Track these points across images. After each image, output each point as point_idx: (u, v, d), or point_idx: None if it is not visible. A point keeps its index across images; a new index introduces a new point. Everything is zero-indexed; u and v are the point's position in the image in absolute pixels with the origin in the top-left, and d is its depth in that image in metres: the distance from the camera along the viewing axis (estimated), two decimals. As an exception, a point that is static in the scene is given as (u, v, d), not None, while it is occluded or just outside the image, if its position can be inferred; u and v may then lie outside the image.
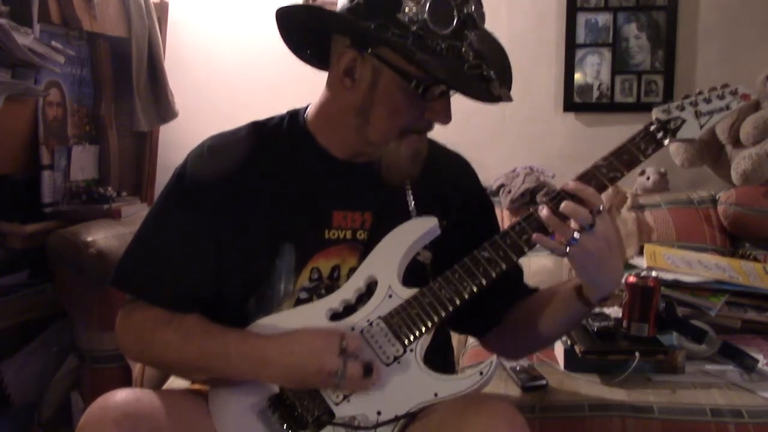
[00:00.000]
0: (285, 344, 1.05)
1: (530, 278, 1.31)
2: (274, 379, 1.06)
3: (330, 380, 1.01)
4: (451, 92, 1.08)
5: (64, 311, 1.96)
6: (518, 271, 1.27)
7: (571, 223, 1.03)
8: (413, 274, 1.12)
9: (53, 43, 1.84)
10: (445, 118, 1.09)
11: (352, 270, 1.13)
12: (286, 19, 1.11)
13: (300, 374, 1.03)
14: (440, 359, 1.15)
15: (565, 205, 1.02)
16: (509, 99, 1.07)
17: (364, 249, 1.14)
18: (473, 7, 1.04)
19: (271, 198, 1.13)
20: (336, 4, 1.08)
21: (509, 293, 1.22)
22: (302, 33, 1.15)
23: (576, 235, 1.01)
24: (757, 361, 1.50)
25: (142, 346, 1.13)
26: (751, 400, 1.37)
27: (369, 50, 1.05)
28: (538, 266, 2.00)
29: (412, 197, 1.18)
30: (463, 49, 1.03)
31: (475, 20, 1.05)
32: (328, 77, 1.14)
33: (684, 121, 1.12)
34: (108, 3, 2.10)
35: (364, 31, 1.02)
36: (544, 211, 1.04)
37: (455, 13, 1.02)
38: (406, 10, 1.01)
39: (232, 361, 1.05)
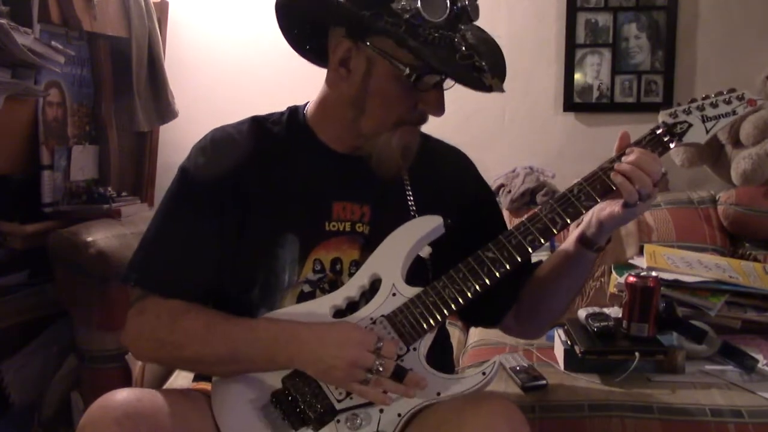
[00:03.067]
0: (320, 330, 1.04)
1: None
2: (302, 363, 1.05)
3: (357, 374, 1.00)
4: (445, 86, 1.09)
5: (64, 311, 1.95)
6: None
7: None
8: (412, 267, 1.13)
9: (53, 43, 1.83)
10: (438, 110, 1.10)
11: (354, 263, 1.14)
12: (285, 9, 1.13)
13: (330, 360, 1.01)
14: (438, 357, 1.15)
15: (635, 175, 1.06)
16: (501, 90, 1.07)
17: (366, 242, 1.15)
18: (467, 1, 1.06)
19: (273, 189, 1.14)
20: None
21: (516, 282, 1.22)
22: (301, 26, 1.17)
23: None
24: (757, 361, 1.51)
25: (158, 342, 1.11)
26: (751, 400, 1.37)
27: (364, 40, 1.06)
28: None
29: (410, 191, 1.18)
30: (456, 40, 1.04)
31: (468, 14, 1.06)
32: (327, 72, 1.16)
33: (690, 125, 1.14)
34: (108, 3, 2.09)
35: (358, 18, 1.03)
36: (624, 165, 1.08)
37: (448, 4, 1.04)
38: None
39: (259, 344, 1.05)
